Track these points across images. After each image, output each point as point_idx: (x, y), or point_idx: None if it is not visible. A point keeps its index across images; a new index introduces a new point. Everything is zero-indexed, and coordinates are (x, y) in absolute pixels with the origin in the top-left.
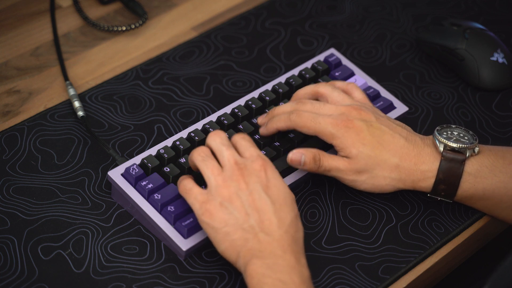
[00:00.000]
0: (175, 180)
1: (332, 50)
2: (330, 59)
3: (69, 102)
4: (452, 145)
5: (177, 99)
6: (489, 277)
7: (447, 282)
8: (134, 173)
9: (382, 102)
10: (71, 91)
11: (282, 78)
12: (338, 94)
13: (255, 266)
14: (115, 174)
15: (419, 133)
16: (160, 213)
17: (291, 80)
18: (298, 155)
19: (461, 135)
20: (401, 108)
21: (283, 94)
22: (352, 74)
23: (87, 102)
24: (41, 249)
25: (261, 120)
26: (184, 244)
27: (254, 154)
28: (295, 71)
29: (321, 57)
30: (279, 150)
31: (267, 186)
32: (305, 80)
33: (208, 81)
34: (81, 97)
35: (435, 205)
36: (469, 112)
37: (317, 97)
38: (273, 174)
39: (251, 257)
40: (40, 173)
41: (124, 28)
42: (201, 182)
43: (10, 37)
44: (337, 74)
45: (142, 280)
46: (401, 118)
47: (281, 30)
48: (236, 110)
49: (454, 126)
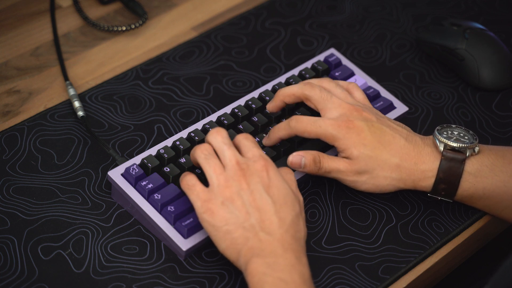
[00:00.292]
0: (175, 180)
1: (332, 50)
2: (330, 59)
3: (69, 102)
4: (452, 144)
5: (177, 99)
6: (490, 277)
7: (447, 282)
8: (134, 173)
9: (382, 102)
10: (71, 91)
11: (282, 78)
12: (341, 91)
13: (256, 264)
14: (115, 174)
15: (419, 133)
16: (160, 213)
17: (291, 80)
18: (298, 158)
19: (461, 135)
20: (401, 108)
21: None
22: (352, 74)
23: (87, 102)
24: (41, 249)
25: (268, 105)
26: (184, 244)
27: (256, 154)
28: (295, 71)
29: (321, 57)
30: (279, 150)
31: (269, 186)
32: (305, 80)
33: (208, 81)
34: (81, 97)
35: (435, 205)
36: (469, 112)
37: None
38: (274, 174)
39: (252, 255)
40: (40, 173)
41: (124, 28)
42: (201, 179)
43: (10, 37)
44: (337, 74)
45: (142, 280)
46: (401, 118)
47: (281, 30)
48: (236, 110)
49: (454, 126)
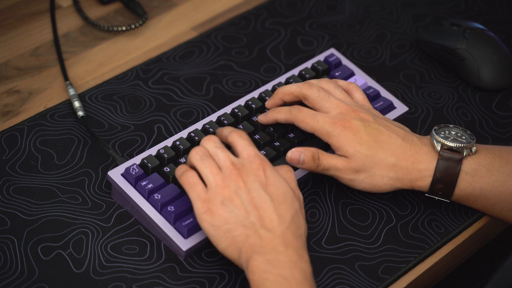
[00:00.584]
0: (175, 180)
1: (332, 50)
2: (330, 59)
3: (69, 102)
4: (449, 144)
5: (177, 99)
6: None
7: (447, 282)
8: (134, 173)
9: (382, 102)
10: (71, 91)
11: (282, 78)
12: (340, 92)
13: (257, 262)
14: (115, 174)
15: (419, 133)
16: (160, 213)
17: (291, 80)
18: (297, 154)
19: (458, 135)
20: (401, 108)
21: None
22: (352, 74)
23: (87, 102)
24: (41, 249)
25: (267, 103)
26: (184, 244)
27: (252, 154)
28: (295, 71)
29: (321, 57)
30: (279, 150)
31: (266, 185)
32: (305, 80)
33: (208, 81)
34: (81, 97)
35: (435, 205)
36: (469, 112)
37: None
38: (271, 172)
39: (252, 253)
40: (40, 173)
41: (124, 28)
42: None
43: (10, 37)
44: (337, 74)
45: (142, 280)
46: (401, 118)
47: (281, 30)
48: (236, 110)
49: (452, 126)
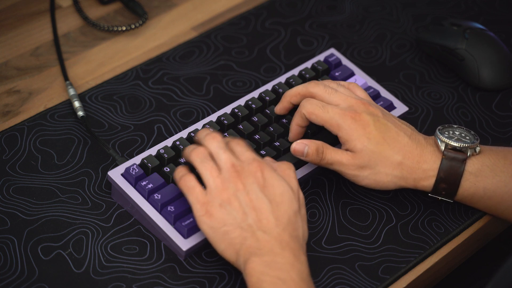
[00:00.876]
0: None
1: (332, 50)
2: (330, 59)
3: (69, 102)
4: (453, 144)
5: (177, 99)
6: (490, 277)
7: (447, 282)
8: (134, 173)
9: (382, 102)
10: (71, 91)
11: (282, 78)
12: (344, 89)
13: (254, 264)
14: (115, 174)
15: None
16: (160, 213)
17: (291, 80)
18: (302, 146)
19: (462, 135)
20: (401, 108)
21: (283, 94)
22: (352, 74)
23: (87, 102)
24: (41, 249)
25: (276, 108)
26: (184, 244)
27: (249, 157)
28: (295, 71)
29: (321, 57)
30: (279, 150)
31: (264, 186)
32: (305, 80)
33: (208, 81)
34: (81, 97)
35: (435, 205)
36: (469, 112)
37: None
38: (269, 174)
39: (250, 255)
40: (40, 173)
41: (124, 28)
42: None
43: (10, 37)
44: (337, 74)
45: (142, 280)
46: (401, 118)
47: (281, 30)
48: (236, 110)
49: (455, 126)
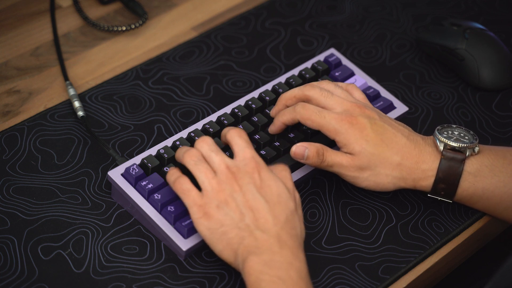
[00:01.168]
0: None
1: (332, 50)
2: (330, 59)
3: (69, 102)
4: (452, 144)
5: (177, 99)
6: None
7: (447, 282)
8: (134, 173)
9: (382, 102)
10: (71, 91)
11: (282, 78)
12: (341, 91)
13: (252, 262)
14: (115, 174)
15: (419, 133)
16: (160, 213)
17: (291, 80)
18: (302, 149)
19: (461, 135)
20: (401, 108)
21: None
22: (352, 74)
23: (87, 102)
24: (41, 249)
25: (272, 111)
26: (184, 244)
27: (248, 156)
28: (295, 71)
29: (321, 57)
30: (279, 150)
31: (261, 186)
32: (305, 80)
33: (208, 81)
34: (81, 97)
35: (435, 205)
36: (469, 112)
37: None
38: (266, 174)
39: (248, 254)
40: (40, 173)
41: (124, 28)
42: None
43: (10, 37)
44: (337, 74)
45: (142, 280)
46: (401, 118)
47: (281, 30)
48: (236, 110)
49: (454, 126)
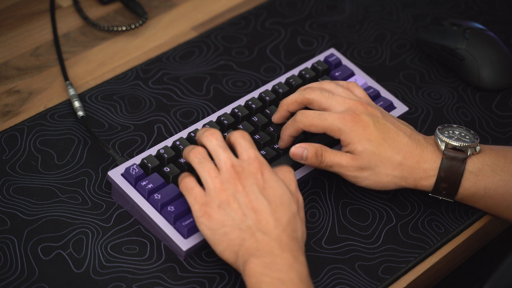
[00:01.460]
0: (175, 180)
1: (332, 50)
2: (330, 59)
3: (69, 102)
4: (453, 143)
5: (177, 99)
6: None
7: (447, 282)
8: (134, 173)
9: (382, 102)
10: (71, 91)
11: (282, 78)
12: (342, 90)
13: (253, 265)
14: (115, 174)
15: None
16: (160, 213)
17: (291, 80)
18: (301, 150)
19: (462, 134)
20: (401, 108)
21: (283, 94)
22: (352, 74)
23: (87, 102)
24: (41, 249)
25: (274, 117)
26: (184, 244)
27: (252, 156)
28: (295, 71)
29: (321, 57)
30: (279, 150)
31: (264, 188)
32: (305, 80)
33: (208, 81)
34: (81, 97)
35: (435, 205)
36: (469, 112)
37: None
38: (269, 175)
39: (249, 256)
40: (40, 173)
41: (124, 28)
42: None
43: (10, 37)
44: (337, 74)
45: (142, 280)
46: (401, 118)
47: (281, 30)
48: (236, 110)
49: (455, 126)
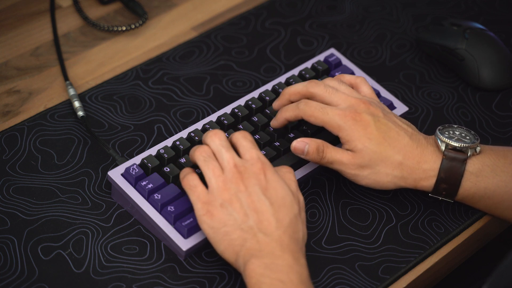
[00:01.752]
0: (175, 180)
1: (332, 50)
2: (330, 59)
3: (69, 102)
4: (453, 144)
5: (177, 99)
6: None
7: (447, 282)
8: (134, 173)
9: (382, 102)
10: (71, 91)
11: (282, 78)
12: (345, 87)
13: (254, 265)
14: (115, 174)
15: None
16: (160, 213)
17: (291, 80)
18: (302, 144)
19: (462, 135)
20: (401, 108)
21: (283, 91)
22: (352, 74)
23: (87, 102)
24: (41, 249)
25: (274, 104)
26: (184, 244)
27: (254, 156)
28: (295, 71)
29: (321, 57)
30: (279, 150)
31: (266, 188)
32: (305, 80)
33: (208, 81)
34: (81, 97)
35: (435, 205)
36: (469, 112)
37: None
38: (272, 176)
39: (250, 256)
40: (40, 173)
41: (124, 28)
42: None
43: (10, 37)
44: (337, 74)
45: (142, 280)
46: None
47: (281, 30)
48: (236, 110)
49: (456, 126)
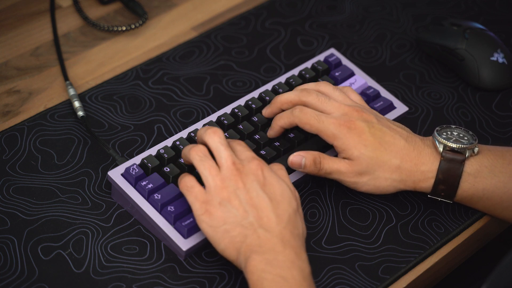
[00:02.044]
0: (175, 180)
1: (332, 50)
2: (330, 59)
3: (69, 102)
4: (451, 145)
5: (177, 99)
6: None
7: (447, 282)
8: (134, 173)
9: (382, 102)
10: (71, 91)
11: (282, 78)
12: (339, 94)
13: (255, 261)
14: (115, 174)
15: (419, 133)
16: (160, 213)
17: (291, 80)
18: (299, 158)
19: (460, 136)
20: (401, 108)
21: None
22: (352, 74)
23: (87, 102)
24: (41, 249)
25: (265, 111)
26: (184, 244)
27: (249, 156)
28: (295, 71)
29: (321, 57)
30: (279, 150)
31: (264, 184)
32: (305, 80)
33: (208, 81)
34: (81, 97)
35: (435, 205)
36: (469, 112)
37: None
38: (269, 173)
39: (251, 252)
40: (40, 173)
41: (124, 28)
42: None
43: (10, 37)
44: (337, 74)
45: (142, 280)
46: (401, 118)
47: (281, 30)
48: (236, 110)
49: (453, 127)
